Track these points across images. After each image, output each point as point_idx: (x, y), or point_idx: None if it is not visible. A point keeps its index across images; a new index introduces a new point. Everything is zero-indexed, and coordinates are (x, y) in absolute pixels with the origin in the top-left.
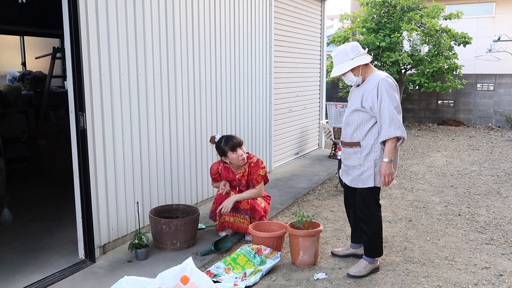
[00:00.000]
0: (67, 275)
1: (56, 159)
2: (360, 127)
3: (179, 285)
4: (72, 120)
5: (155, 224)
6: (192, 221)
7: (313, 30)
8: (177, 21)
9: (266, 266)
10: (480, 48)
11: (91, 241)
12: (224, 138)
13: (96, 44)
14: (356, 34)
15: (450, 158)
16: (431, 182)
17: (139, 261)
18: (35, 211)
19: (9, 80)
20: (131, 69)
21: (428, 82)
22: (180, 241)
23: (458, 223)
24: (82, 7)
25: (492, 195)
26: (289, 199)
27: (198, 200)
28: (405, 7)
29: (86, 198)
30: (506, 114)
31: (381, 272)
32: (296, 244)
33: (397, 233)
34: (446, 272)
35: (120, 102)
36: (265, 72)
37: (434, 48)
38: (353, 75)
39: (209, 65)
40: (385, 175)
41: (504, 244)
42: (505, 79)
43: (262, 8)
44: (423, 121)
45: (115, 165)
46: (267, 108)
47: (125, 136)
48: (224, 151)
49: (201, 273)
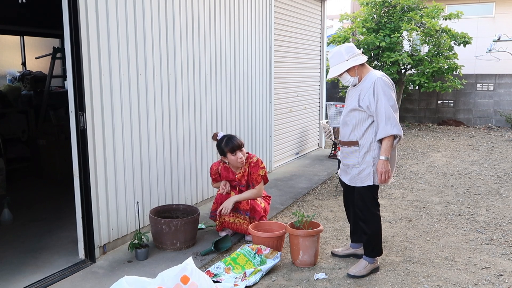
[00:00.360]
0: (67, 275)
1: (56, 159)
2: (357, 126)
3: (179, 285)
4: (72, 120)
5: (155, 224)
6: (192, 221)
7: (313, 30)
8: (177, 21)
9: (266, 266)
10: (480, 48)
11: (91, 241)
12: (225, 139)
13: (96, 44)
14: (356, 34)
15: (450, 158)
16: (431, 182)
17: (139, 261)
18: (35, 211)
19: (9, 80)
20: (131, 69)
21: (428, 82)
22: (180, 241)
23: (458, 223)
24: (82, 7)
25: (492, 195)
26: (289, 199)
27: (198, 200)
28: (405, 7)
29: (86, 198)
30: (506, 114)
31: (381, 272)
32: (296, 244)
33: (397, 233)
34: (446, 272)
35: (120, 102)
36: (265, 72)
37: (434, 48)
38: (349, 75)
39: (209, 65)
40: (382, 173)
41: (504, 244)
42: (505, 79)
43: (262, 8)
44: (423, 121)
45: (115, 165)
46: (267, 108)
47: (125, 136)
48: (223, 152)
49: (201, 273)
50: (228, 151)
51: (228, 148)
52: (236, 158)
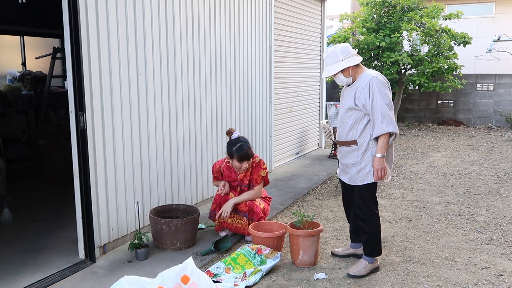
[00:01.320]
0: (67, 275)
1: (56, 159)
2: (355, 125)
3: (179, 284)
4: (72, 120)
5: (155, 224)
6: (192, 221)
7: (313, 30)
8: (177, 21)
9: (266, 266)
10: (480, 48)
11: (91, 241)
12: (238, 145)
13: (96, 44)
14: (356, 34)
15: (450, 158)
16: (431, 182)
17: (139, 261)
18: (35, 211)
19: (9, 80)
20: (131, 69)
21: (428, 82)
22: (180, 241)
23: (458, 223)
24: (82, 7)
25: (492, 195)
26: (289, 199)
27: (198, 200)
28: (405, 7)
29: (86, 198)
30: (506, 114)
31: (381, 272)
32: (296, 244)
33: (397, 233)
34: (446, 272)
35: (120, 102)
36: (265, 72)
37: (434, 48)
38: (343, 76)
39: (209, 65)
40: (378, 170)
41: (504, 244)
42: (505, 79)
43: (262, 8)
44: (423, 121)
45: (115, 165)
46: (267, 108)
47: (125, 136)
48: (231, 155)
49: (201, 273)
50: (236, 157)
51: (238, 156)
52: (240, 166)
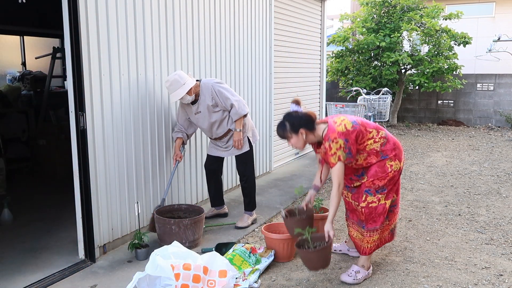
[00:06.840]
0: (67, 275)
1: (56, 159)
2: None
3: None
4: (72, 120)
5: (163, 225)
6: (200, 220)
7: (313, 30)
8: (177, 21)
9: (262, 265)
10: (480, 48)
11: (91, 241)
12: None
13: (96, 44)
14: (356, 34)
15: (450, 158)
16: (431, 182)
17: (139, 261)
18: (35, 211)
19: (9, 80)
20: (131, 69)
21: (428, 82)
22: (189, 240)
23: (458, 223)
24: (82, 7)
25: (492, 195)
26: (289, 199)
27: (198, 200)
28: (405, 7)
29: (86, 198)
30: (506, 114)
31: (381, 272)
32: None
33: (397, 233)
34: (446, 272)
35: (120, 102)
36: (265, 72)
37: (434, 48)
38: (189, 96)
39: (209, 65)
40: (236, 141)
41: (504, 244)
42: (505, 79)
43: (262, 8)
44: (423, 121)
45: (115, 165)
46: (267, 108)
47: (125, 136)
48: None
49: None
50: None
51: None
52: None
